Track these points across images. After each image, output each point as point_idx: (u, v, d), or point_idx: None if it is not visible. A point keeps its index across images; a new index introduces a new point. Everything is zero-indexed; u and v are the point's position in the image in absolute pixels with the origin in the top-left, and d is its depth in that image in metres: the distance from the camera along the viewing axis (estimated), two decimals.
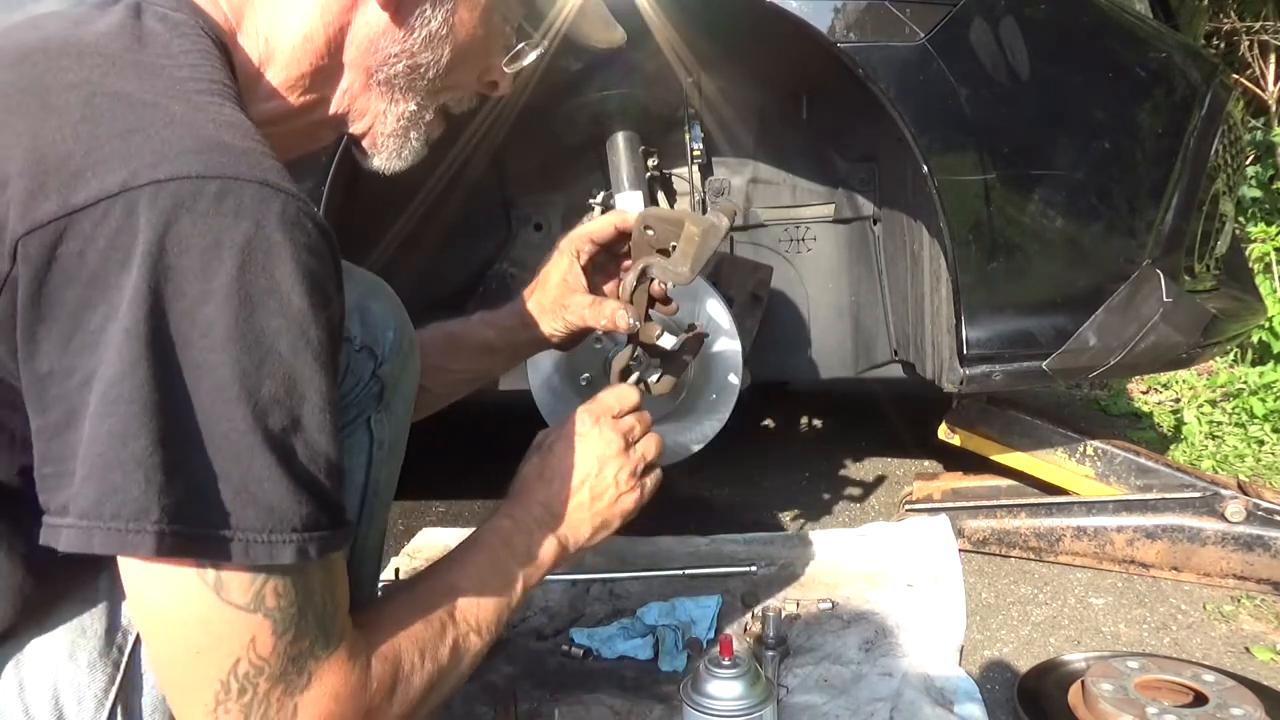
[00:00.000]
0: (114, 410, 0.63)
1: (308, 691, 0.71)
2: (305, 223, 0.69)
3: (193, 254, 0.64)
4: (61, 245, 0.63)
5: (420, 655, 0.81)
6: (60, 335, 0.64)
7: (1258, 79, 5.36)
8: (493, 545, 0.96)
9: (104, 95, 0.69)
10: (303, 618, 0.70)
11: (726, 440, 1.72)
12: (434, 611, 0.85)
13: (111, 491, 0.63)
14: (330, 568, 0.73)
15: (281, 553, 0.67)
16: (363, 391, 1.00)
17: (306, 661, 0.71)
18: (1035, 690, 1.45)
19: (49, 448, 0.66)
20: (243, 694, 0.68)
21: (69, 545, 0.64)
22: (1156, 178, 1.73)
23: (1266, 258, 4.08)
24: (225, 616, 0.67)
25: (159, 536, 0.63)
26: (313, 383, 0.69)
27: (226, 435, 0.65)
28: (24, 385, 0.66)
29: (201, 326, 0.64)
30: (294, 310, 0.67)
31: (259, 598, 0.68)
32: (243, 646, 0.68)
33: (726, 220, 1.21)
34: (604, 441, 1.03)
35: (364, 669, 0.75)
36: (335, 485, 0.71)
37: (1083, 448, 1.99)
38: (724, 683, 1.13)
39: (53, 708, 0.75)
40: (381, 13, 0.86)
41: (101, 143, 0.66)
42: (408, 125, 0.93)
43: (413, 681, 0.80)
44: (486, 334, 1.31)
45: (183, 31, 0.77)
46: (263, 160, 0.69)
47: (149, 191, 0.64)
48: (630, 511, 1.06)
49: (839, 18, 1.54)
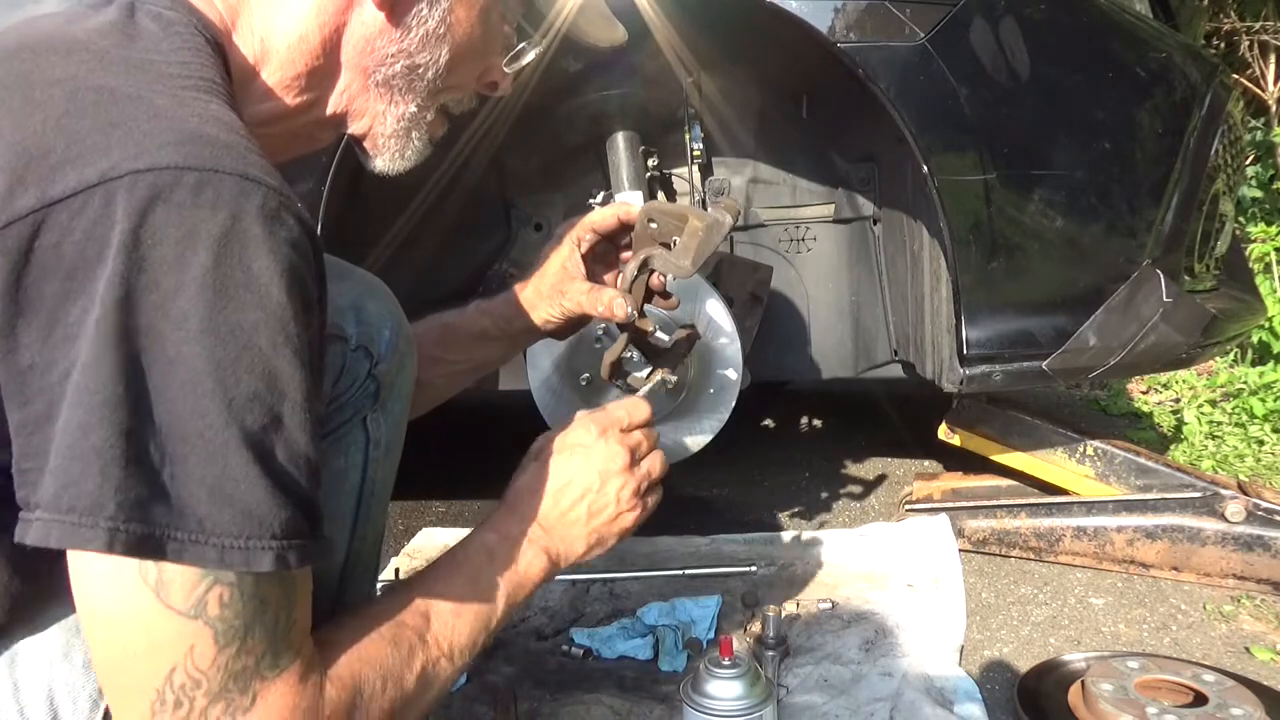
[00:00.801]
0: (80, 400, 0.61)
1: (250, 713, 0.67)
2: (286, 217, 0.67)
3: (167, 245, 0.63)
4: (39, 238, 0.62)
5: (383, 681, 0.77)
6: (40, 329, 0.63)
7: (1258, 79, 5.36)
8: (476, 562, 0.91)
9: (88, 90, 0.68)
10: (249, 632, 0.66)
11: (726, 440, 1.72)
12: (403, 633, 0.80)
13: (70, 484, 0.61)
14: (291, 582, 0.69)
15: (260, 560, 0.64)
16: (359, 391, 0.99)
17: (251, 680, 0.67)
18: (1035, 690, 1.44)
19: (29, 443, 0.64)
20: (179, 707, 0.65)
21: (34, 539, 0.62)
22: (1156, 178, 1.73)
23: (1266, 258, 4.08)
24: (163, 621, 0.64)
25: (111, 533, 0.61)
26: (293, 380, 0.66)
27: (200, 432, 0.63)
28: (4, 380, 0.65)
29: (175, 318, 0.63)
30: (272, 304, 0.65)
31: (201, 603, 0.64)
32: (180, 655, 0.65)
33: (730, 218, 1.20)
34: (609, 455, 0.98)
35: (315, 694, 0.71)
36: (315, 491, 0.69)
37: (1083, 448, 1.99)
38: (724, 683, 1.13)
39: (48, 708, 0.75)
40: (377, 12, 0.85)
41: (83, 136, 0.65)
42: (408, 126, 0.92)
43: (371, 711, 0.75)
44: (482, 322, 1.29)
45: (176, 30, 0.77)
46: (246, 154, 0.68)
47: (127, 182, 0.62)
48: (628, 530, 1.01)
49: (839, 18, 1.54)
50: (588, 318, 1.26)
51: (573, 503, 0.97)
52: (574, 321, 1.28)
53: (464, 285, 2.08)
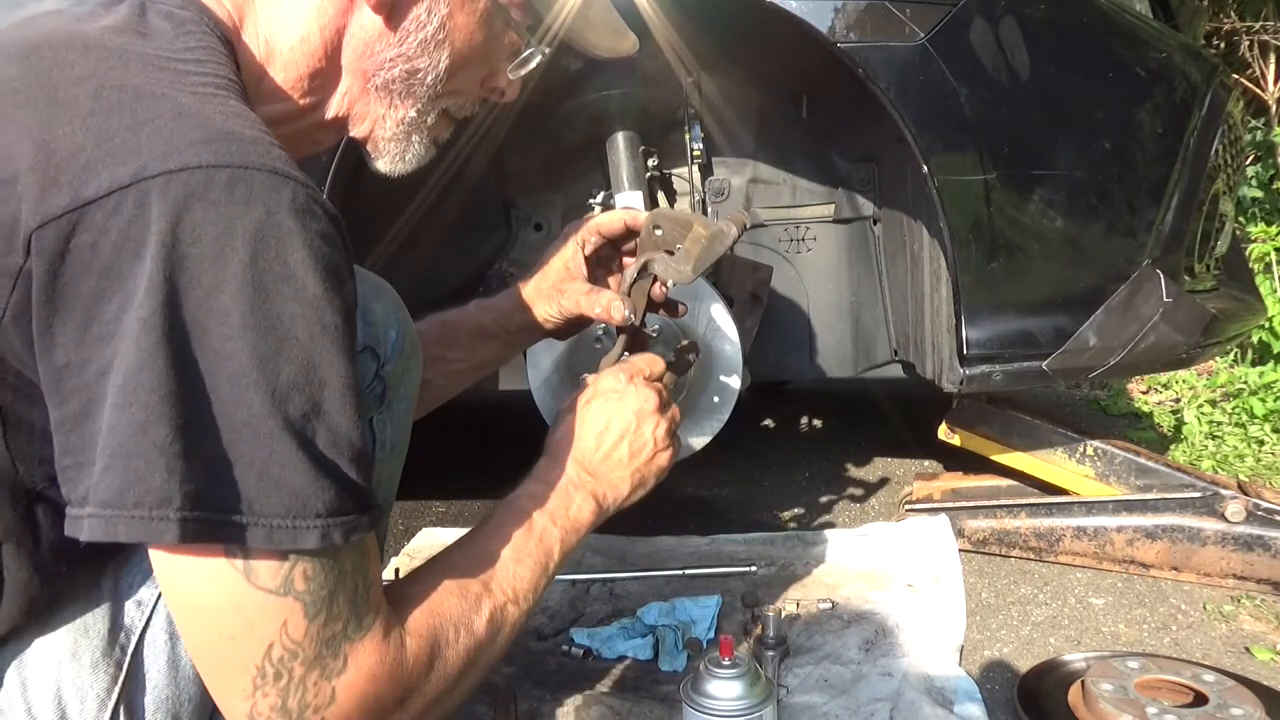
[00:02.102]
0: (134, 399, 0.63)
1: (344, 675, 0.72)
2: (316, 209, 0.69)
3: (206, 242, 0.65)
4: (75, 237, 0.64)
5: (456, 630, 0.81)
6: (76, 327, 0.65)
7: (1258, 79, 5.36)
8: (527, 510, 0.94)
9: (112, 88, 0.69)
10: (334, 600, 0.71)
11: (726, 440, 1.72)
12: (469, 583, 0.84)
13: (134, 480, 0.63)
14: (360, 548, 0.73)
15: (305, 538, 0.67)
16: (365, 392, 0.99)
17: (341, 644, 0.71)
18: (1035, 690, 1.44)
19: (69, 439, 0.66)
20: (279, 678, 0.69)
21: (91, 534, 0.64)
22: (1156, 178, 1.73)
23: (1266, 258, 4.08)
24: (256, 601, 0.68)
25: (182, 523, 0.64)
26: (332, 367, 0.69)
27: (246, 422, 0.66)
28: (41, 378, 0.66)
29: (217, 314, 0.65)
30: (309, 296, 0.68)
31: (288, 581, 0.68)
32: (275, 630, 0.68)
33: (735, 229, 1.21)
34: (642, 397, 1.02)
35: (399, 648, 0.75)
36: (361, 469, 0.72)
37: (1083, 448, 1.99)
38: (724, 683, 1.13)
39: (56, 707, 0.75)
40: (375, 16, 0.86)
41: (112, 135, 0.66)
42: (408, 130, 0.93)
43: (449, 657, 0.80)
44: (481, 318, 1.30)
45: (188, 28, 0.78)
46: (271, 149, 0.70)
47: (160, 182, 0.64)
48: (665, 469, 1.05)
49: (839, 18, 1.54)
50: (587, 319, 1.27)
51: (614, 444, 1.01)
52: (573, 322, 1.28)
53: (464, 285, 2.08)
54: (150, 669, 0.78)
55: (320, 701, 0.71)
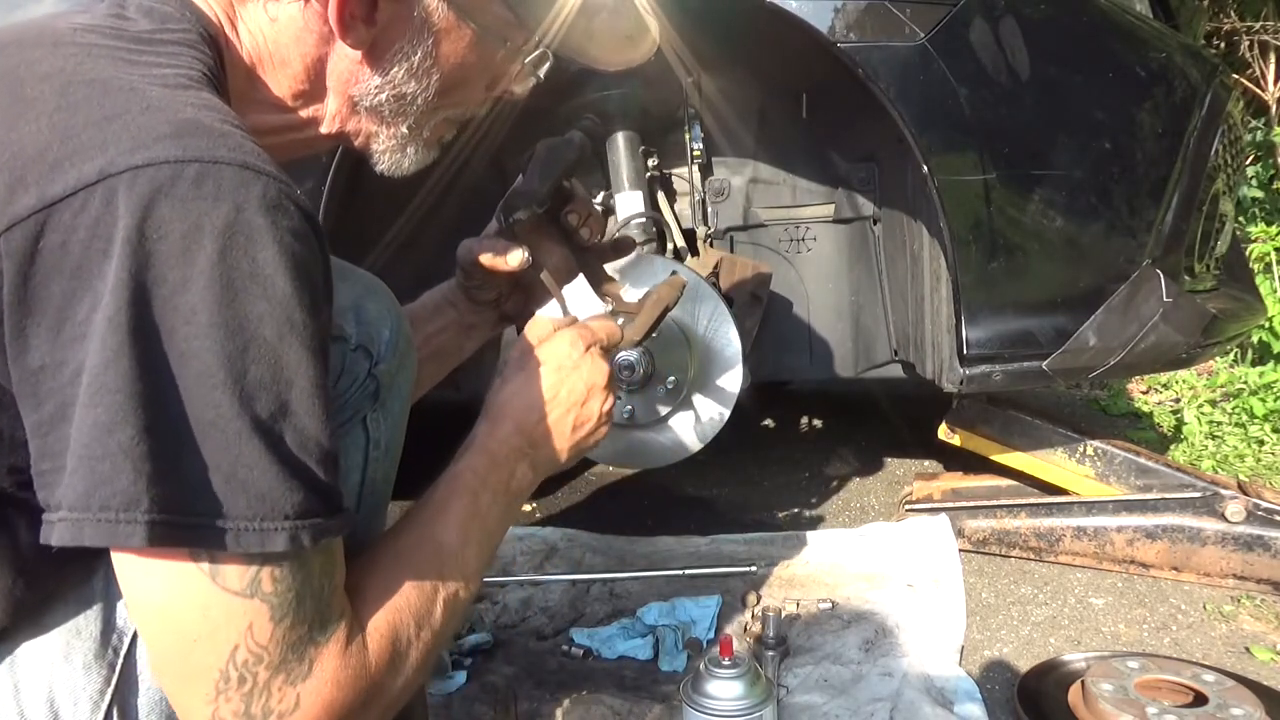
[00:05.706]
0: (99, 400, 0.62)
1: (309, 680, 0.70)
2: (288, 205, 0.68)
3: (172, 239, 0.63)
4: (43, 238, 0.63)
5: (417, 626, 0.80)
6: (49, 329, 0.63)
7: (1258, 79, 5.36)
8: (471, 486, 0.93)
9: (79, 84, 0.68)
10: (300, 603, 0.69)
11: (726, 440, 1.72)
12: (423, 573, 0.83)
13: (100, 482, 0.62)
14: (328, 551, 0.72)
15: (273, 540, 0.66)
16: (358, 391, 0.99)
17: (306, 648, 0.70)
18: (1035, 690, 1.44)
19: (45, 443, 0.65)
20: (243, 683, 0.67)
21: (60, 539, 0.63)
22: (1156, 178, 1.73)
23: (1266, 258, 4.08)
24: (221, 603, 0.66)
25: (150, 526, 0.62)
26: (300, 367, 0.67)
27: (213, 423, 0.64)
28: (15, 382, 0.65)
29: (184, 313, 0.63)
30: (278, 295, 0.66)
31: (255, 583, 0.67)
32: (240, 633, 0.67)
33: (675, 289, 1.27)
34: (597, 371, 1.01)
35: (361, 650, 0.74)
36: (329, 471, 0.70)
37: (1083, 448, 1.99)
38: (724, 683, 1.14)
39: (48, 709, 0.74)
40: (354, 51, 0.85)
41: (78, 131, 0.65)
42: (403, 143, 0.93)
43: (410, 655, 0.79)
44: (434, 296, 1.30)
45: (167, 25, 0.77)
46: (243, 143, 0.68)
47: (127, 178, 0.63)
48: (600, 442, 1.05)
49: (839, 18, 1.54)
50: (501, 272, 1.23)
51: (561, 415, 1.00)
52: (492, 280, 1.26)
53: None
54: (143, 670, 0.77)
55: (285, 708, 0.69)
